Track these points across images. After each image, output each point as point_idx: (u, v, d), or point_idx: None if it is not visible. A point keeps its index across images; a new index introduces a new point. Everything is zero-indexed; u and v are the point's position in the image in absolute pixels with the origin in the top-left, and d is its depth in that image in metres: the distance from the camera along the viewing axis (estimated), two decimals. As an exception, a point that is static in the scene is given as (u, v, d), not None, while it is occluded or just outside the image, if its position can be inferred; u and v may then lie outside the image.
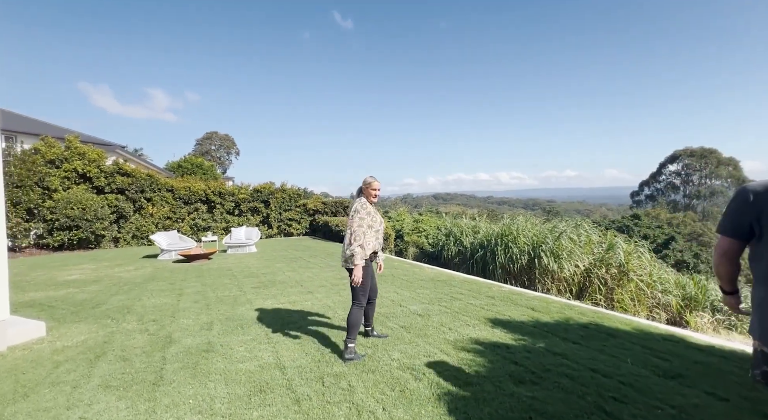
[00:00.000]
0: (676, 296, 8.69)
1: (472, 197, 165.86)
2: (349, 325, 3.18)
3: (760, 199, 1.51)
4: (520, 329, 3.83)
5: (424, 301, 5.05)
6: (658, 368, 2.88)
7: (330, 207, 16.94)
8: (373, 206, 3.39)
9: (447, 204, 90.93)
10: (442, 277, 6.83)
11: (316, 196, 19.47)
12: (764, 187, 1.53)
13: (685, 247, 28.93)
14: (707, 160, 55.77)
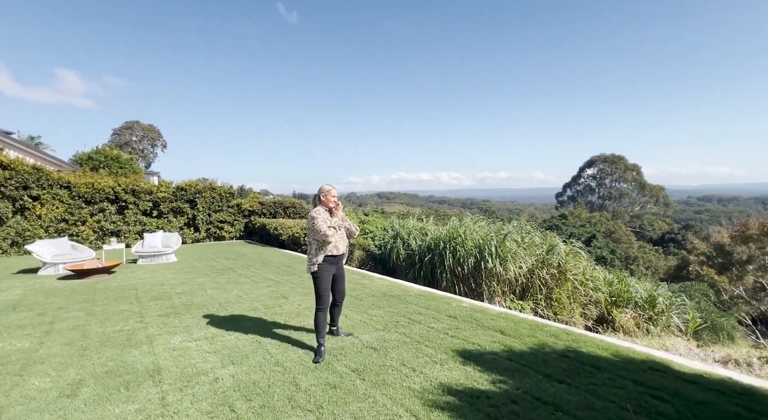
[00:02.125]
0: (604, 293, 9.07)
1: (415, 196, 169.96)
2: (315, 327, 3.52)
3: None
4: (495, 365, 3.21)
5: (378, 326, 4.25)
6: (663, 416, 2.42)
7: (268, 207, 15.42)
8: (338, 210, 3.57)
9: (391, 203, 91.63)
10: (395, 291, 6.11)
11: (253, 195, 17.71)
12: None
13: (603, 244, 32.07)
14: (617, 166, 62.93)
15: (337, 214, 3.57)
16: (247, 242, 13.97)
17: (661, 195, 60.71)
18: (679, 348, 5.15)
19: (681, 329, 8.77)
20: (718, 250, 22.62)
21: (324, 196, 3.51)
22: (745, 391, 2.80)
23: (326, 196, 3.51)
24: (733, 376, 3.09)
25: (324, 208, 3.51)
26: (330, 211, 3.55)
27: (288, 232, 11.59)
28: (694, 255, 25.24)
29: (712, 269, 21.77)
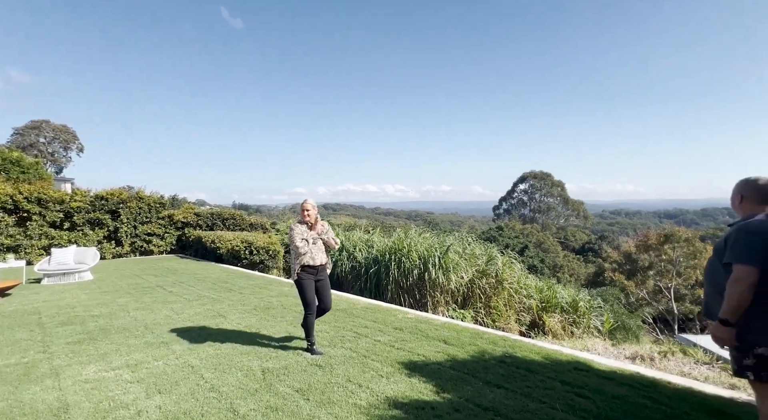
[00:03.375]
0: (535, 300, 9.86)
1: (361, 208, 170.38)
2: (304, 330, 3.88)
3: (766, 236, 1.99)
4: (439, 375, 3.29)
5: (323, 342, 4.15)
6: (586, 413, 2.66)
7: (205, 219, 14.39)
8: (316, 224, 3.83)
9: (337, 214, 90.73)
10: (341, 304, 6.01)
11: (187, 206, 16.42)
12: (766, 228, 2.02)
13: (534, 253, 34.86)
14: (545, 182, 69.36)
15: (315, 227, 3.81)
16: (180, 257, 12.85)
17: (581, 209, 67.98)
18: (598, 347, 5.72)
19: (599, 330, 9.77)
20: (626, 257, 25.81)
21: (301, 210, 3.83)
22: (650, 383, 3.20)
23: (301, 211, 3.82)
24: (640, 370, 3.51)
25: (303, 221, 3.80)
26: (309, 224, 3.80)
27: (227, 246, 10.90)
28: (608, 262, 28.47)
29: (622, 275, 24.71)
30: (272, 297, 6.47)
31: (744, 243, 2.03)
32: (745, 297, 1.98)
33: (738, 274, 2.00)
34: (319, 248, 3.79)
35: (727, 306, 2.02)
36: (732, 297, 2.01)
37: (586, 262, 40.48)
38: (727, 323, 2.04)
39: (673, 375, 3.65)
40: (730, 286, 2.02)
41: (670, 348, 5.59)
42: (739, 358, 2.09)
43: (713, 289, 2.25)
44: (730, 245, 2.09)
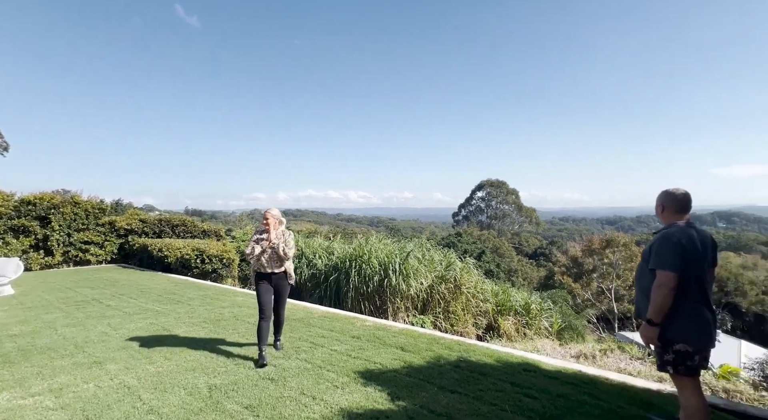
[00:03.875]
0: (491, 303, 10.24)
1: (323, 214, 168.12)
2: (257, 335, 3.90)
3: (685, 244, 2.22)
4: (395, 382, 3.29)
5: (277, 355, 3.99)
6: (533, 413, 2.78)
7: (152, 226, 13.41)
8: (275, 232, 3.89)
9: (298, 220, 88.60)
10: (297, 314, 5.84)
11: (132, 211, 15.23)
12: (687, 236, 2.26)
13: (491, 258, 36.27)
14: (501, 190, 72.68)
15: (270, 236, 3.86)
16: (122, 267, 11.85)
17: (533, 216, 71.94)
18: (547, 348, 6.03)
19: (549, 331, 10.31)
20: (573, 261, 27.63)
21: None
22: (590, 381, 3.41)
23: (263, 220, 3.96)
24: (582, 369, 3.74)
25: (263, 230, 3.93)
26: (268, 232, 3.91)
27: (176, 254, 10.23)
28: (557, 266, 30.30)
29: (569, 278, 26.39)
30: (224, 308, 6.14)
31: (665, 250, 2.25)
32: (667, 300, 2.19)
33: (661, 280, 2.20)
34: (269, 257, 3.88)
35: (652, 308, 2.22)
36: (656, 300, 2.21)
37: (538, 266, 42.79)
38: (652, 323, 2.24)
39: (611, 371, 3.93)
40: (654, 290, 2.22)
41: (610, 346, 6.02)
42: (662, 353, 2.30)
43: (641, 292, 2.46)
44: (654, 252, 2.31)
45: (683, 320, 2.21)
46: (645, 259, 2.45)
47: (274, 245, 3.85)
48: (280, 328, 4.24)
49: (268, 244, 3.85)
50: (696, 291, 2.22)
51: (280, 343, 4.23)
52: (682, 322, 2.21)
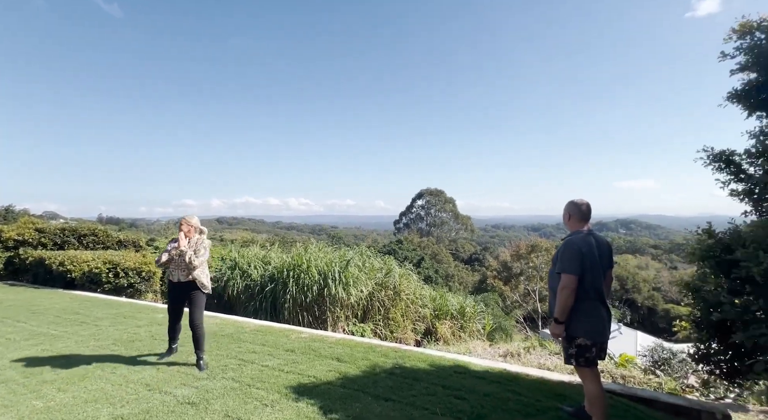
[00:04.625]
0: (429, 309, 10.60)
1: (261, 222, 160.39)
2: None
3: (584, 250, 2.49)
4: (328, 395, 3.20)
5: (200, 375, 3.66)
6: (461, 413, 2.89)
7: (52, 236, 11.60)
8: (185, 240, 3.84)
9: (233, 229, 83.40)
10: (227, 329, 5.45)
11: (26, 219, 13.07)
12: (586, 243, 2.54)
13: (430, 265, 37.56)
14: (439, 198, 75.94)
15: (179, 243, 3.80)
16: (9, 285, 10.05)
17: (468, 223, 76.16)
18: (478, 349, 6.38)
19: (481, 332, 10.92)
20: (504, 265, 29.75)
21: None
22: (513, 378, 3.67)
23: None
24: (507, 367, 4.01)
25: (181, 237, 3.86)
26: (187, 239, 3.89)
27: (82, 268, 8.96)
28: (489, 271, 32.36)
29: (500, 281, 28.34)
30: (140, 327, 5.50)
31: (568, 256, 2.53)
32: (570, 300, 2.45)
33: (564, 282, 2.47)
34: (177, 265, 3.84)
35: (558, 307, 2.48)
36: (560, 300, 2.47)
37: (473, 271, 45.30)
38: (558, 321, 2.49)
39: (532, 367, 4.27)
40: (559, 292, 2.48)
41: (533, 343, 6.55)
42: (567, 348, 2.57)
43: (551, 292, 2.72)
44: (560, 257, 2.58)
45: (582, 317, 2.49)
46: (554, 263, 2.72)
47: (183, 253, 3.78)
48: (200, 343, 3.91)
49: (176, 252, 3.80)
50: (593, 292, 2.53)
51: (203, 361, 3.88)
52: (581, 319, 2.50)
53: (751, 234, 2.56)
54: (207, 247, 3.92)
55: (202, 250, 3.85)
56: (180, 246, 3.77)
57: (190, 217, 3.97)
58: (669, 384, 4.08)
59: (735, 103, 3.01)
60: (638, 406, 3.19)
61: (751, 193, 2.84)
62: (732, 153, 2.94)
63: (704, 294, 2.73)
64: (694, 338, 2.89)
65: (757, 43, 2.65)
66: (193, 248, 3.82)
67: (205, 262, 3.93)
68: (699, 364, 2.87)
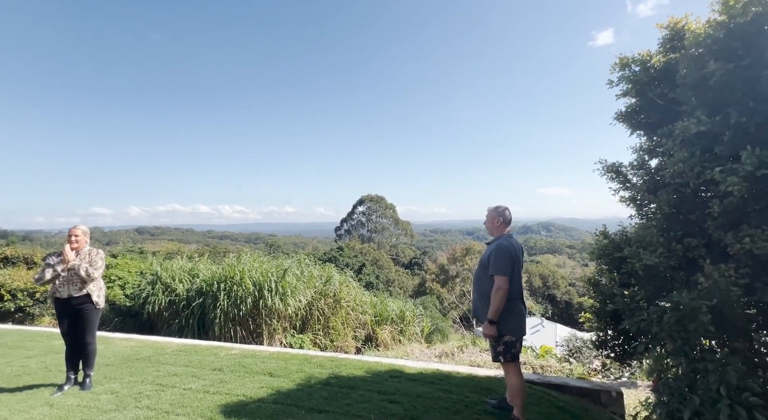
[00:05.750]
0: (370, 315, 10.65)
1: (190, 231, 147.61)
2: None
3: (513, 253, 2.72)
4: (259, 414, 3.03)
5: (107, 407, 3.23)
6: (395, 416, 2.94)
7: None
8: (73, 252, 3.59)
9: (156, 240, 75.40)
10: (143, 352, 4.90)
11: None
12: (513, 246, 2.79)
13: (371, 271, 37.77)
14: (380, 204, 76.96)
15: (65, 256, 3.55)
16: None
17: (408, 228, 78.20)
18: (415, 351, 6.55)
19: (419, 335, 11.21)
20: (441, 269, 31.06)
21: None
22: (445, 377, 3.83)
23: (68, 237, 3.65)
24: (439, 367, 4.17)
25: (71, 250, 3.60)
26: (76, 252, 3.64)
27: (-49, 291, 7.42)
28: (428, 274, 33.53)
29: (438, 284, 29.51)
30: (30, 358, 4.70)
31: (501, 258, 2.71)
32: (504, 300, 2.63)
33: (499, 283, 2.65)
34: (68, 280, 3.56)
35: (493, 308, 2.64)
36: (496, 301, 2.63)
37: (413, 275, 46.51)
38: (492, 322, 2.65)
39: (463, 365, 4.50)
40: (494, 293, 2.65)
41: (466, 342, 6.91)
42: (495, 346, 2.75)
43: (480, 295, 2.90)
44: (493, 260, 2.76)
45: (508, 315, 2.70)
46: (483, 265, 2.90)
47: (74, 266, 3.55)
48: (89, 361, 3.76)
49: (65, 266, 3.55)
50: (517, 291, 2.75)
51: (89, 379, 3.73)
52: (508, 317, 2.70)
53: (635, 235, 3.01)
54: (102, 257, 3.77)
55: (99, 262, 3.69)
56: (69, 259, 3.53)
57: (82, 226, 3.79)
58: (578, 369, 4.58)
59: (621, 122, 3.54)
60: (552, 392, 3.53)
61: (634, 199, 3.34)
62: (620, 165, 3.44)
63: (601, 287, 3.15)
64: (595, 327, 3.30)
65: (633, 74, 3.18)
66: (87, 260, 3.62)
67: (101, 276, 3.77)
68: (599, 349, 3.28)
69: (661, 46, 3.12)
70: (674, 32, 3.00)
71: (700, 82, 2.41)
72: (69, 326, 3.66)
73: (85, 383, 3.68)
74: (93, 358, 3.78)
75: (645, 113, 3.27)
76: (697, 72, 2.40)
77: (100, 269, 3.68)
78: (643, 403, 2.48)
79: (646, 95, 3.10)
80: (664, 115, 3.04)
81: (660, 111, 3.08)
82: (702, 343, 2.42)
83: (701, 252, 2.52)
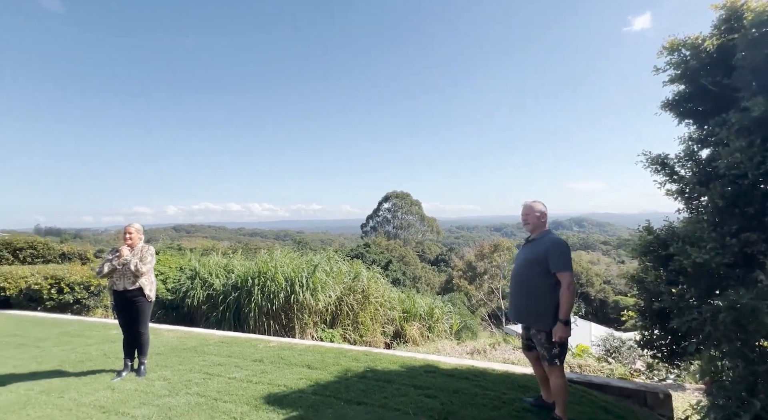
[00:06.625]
0: (398, 311, 10.70)
1: (223, 229, 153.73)
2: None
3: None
4: (300, 403, 3.16)
5: (162, 393, 3.47)
6: (432, 411, 2.97)
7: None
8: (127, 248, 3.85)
9: (192, 237, 79.18)
10: (189, 342, 5.19)
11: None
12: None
13: (397, 267, 37.87)
14: (405, 201, 76.84)
15: (121, 252, 3.81)
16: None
17: (434, 225, 77.65)
18: (446, 348, 6.54)
19: (448, 332, 11.15)
20: (468, 265, 30.65)
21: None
22: (480, 373, 3.81)
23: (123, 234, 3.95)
24: (474, 363, 4.16)
25: (124, 246, 3.88)
26: (131, 248, 3.90)
27: (19, 285, 8.16)
28: (455, 271, 33.18)
29: (465, 281, 29.15)
30: (90, 346, 5.10)
31: (566, 254, 2.55)
32: (574, 298, 2.52)
33: (569, 280, 2.48)
34: (122, 274, 3.82)
35: (567, 308, 2.47)
36: (569, 300, 2.46)
37: (439, 272, 46.20)
38: (568, 323, 2.50)
39: (498, 362, 4.45)
40: (567, 291, 2.46)
41: (497, 339, 6.82)
42: (550, 349, 2.58)
43: (528, 295, 2.66)
44: (555, 257, 2.54)
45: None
46: (535, 263, 2.62)
47: (126, 261, 3.80)
48: (143, 350, 4.05)
49: (120, 261, 3.80)
50: None
51: (143, 367, 4.02)
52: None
53: (683, 230, 2.86)
54: (153, 253, 4.01)
55: (149, 258, 3.93)
56: (122, 255, 3.79)
57: (136, 224, 4.04)
58: (619, 370, 4.42)
59: (668, 111, 3.36)
60: (593, 391, 3.44)
61: (682, 192, 3.17)
62: (666, 157, 3.26)
63: (646, 285, 3.01)
64: (639, 326, 3.17)
65: (683, 59, 2.99)
66: (138, 256, 3.87)
67: (152, 271, 4.01)
68: (644, 349, 3.15)
69: (715, 27, 2.91)
70: (731, 12, 2.79)
71: (761, 65, 2.25)
72: (125, 317, 3.94)
73: (140, 370, 3.96)
74: (146, 347, 4.06)
75: (695, 101, 3.09)
76: (757, 54, 2.24)
77: (150, 265, 3.91)
78: (695, 407, 2.38)
79: (697, 81, 2.92)
80: (717, 103, 2.86)
81: (712, 98, 2.90)
82: (761, 345, 2.29)
83: (761, 247, 2.36)
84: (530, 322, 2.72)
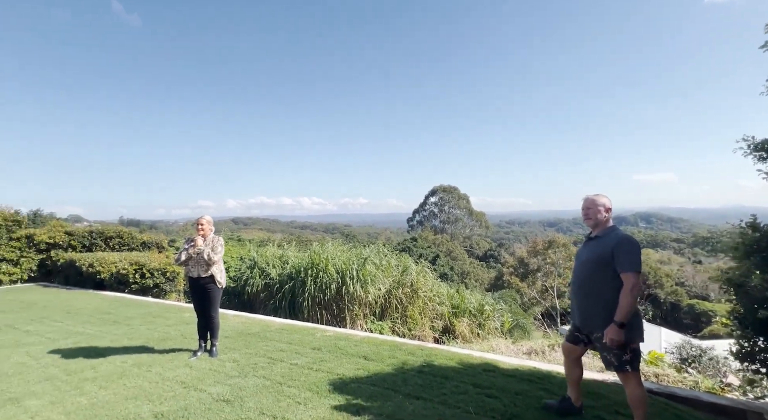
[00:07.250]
0: (447, 306, 10.51)
1: (276, 222, 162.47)
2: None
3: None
4: (359, 393, 3.22)
5: (232, 373, 3.73)
6: (495, 412, 2.87)
7: (80, 238, 12.01)
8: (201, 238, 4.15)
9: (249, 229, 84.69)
10: (253, 328, 5.54)
11: (55, 222, 13.57)
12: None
13: (445, 262, 37.37)
14: (452, 195, 75.36)
15: (196, 241, 4.10)
16: (44, 286, 10.47)
17: (483, 220, 75.34)
18: (501, 347, 6.31)
19: (500, 330, 10.77)
20: (520, 262, 29.37)
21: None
22: (544, 376, 3.62)
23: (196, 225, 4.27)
24: (536, 365, 3.96)
25: (198, 236, 4.17)
26: (203, 238, 4.19)
27: (110, 269, 9.25)
28: (505, 267, 31.97)
29: (517, 278, 27.99)
30: (170, 326, 5.65)
31: (636, 252, 2.31)
32: (636, 301, 2.29)
33: (634, 281, 2.25)
34: (196, 262, 4.14)
35: (626, 310, 2.24)
36: (630, 302, 2.24)
37: (488, 268, 44.86)
38: (623, 326, 2.26)
39: (560, 366, 4.19)
40: (629, 294, 2.24)
41: (556, 340, 6.44)
42: (620, 355, 2.34)
43: (593, 297, 2.44)
44: (623, 256, 2.30)
45: (634, 319, 2.30)
46: (601, 262, 2.40)
47: (200, 250, 4.09)
48: (214, 332, 4.35)
49: (194, 250, 4.08)
50: None
51: (215, 348, 4.32)
52: (634, 321, 2.30)
53: (800, 227, 2.45)
54: (222, 244, 4.30)
55: (219, 248, 4.23)
56: (197, 245, 4.08)
57: (207, 216, 4.32)
58: (705, 382, 3.95)
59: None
60: (678, 405, 3.10)
61: (795, 184, 2.71)
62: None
63: (749, 290, 2.63)
64: (737, 335, 2.78)
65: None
66: (210, 246, 4.17)
67: (221, 260, 4.32)
68: (743, 362, 2.76)
69: None
70: None
71: None
72: (198, 302, 4.28)
73: (212, 351, 4.29)
74: (217, 330, 4.38)
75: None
76: None
77: (220, 254, 4.22)
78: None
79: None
80: None
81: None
82: None
83: None
84: (593, 328, 2.47)
